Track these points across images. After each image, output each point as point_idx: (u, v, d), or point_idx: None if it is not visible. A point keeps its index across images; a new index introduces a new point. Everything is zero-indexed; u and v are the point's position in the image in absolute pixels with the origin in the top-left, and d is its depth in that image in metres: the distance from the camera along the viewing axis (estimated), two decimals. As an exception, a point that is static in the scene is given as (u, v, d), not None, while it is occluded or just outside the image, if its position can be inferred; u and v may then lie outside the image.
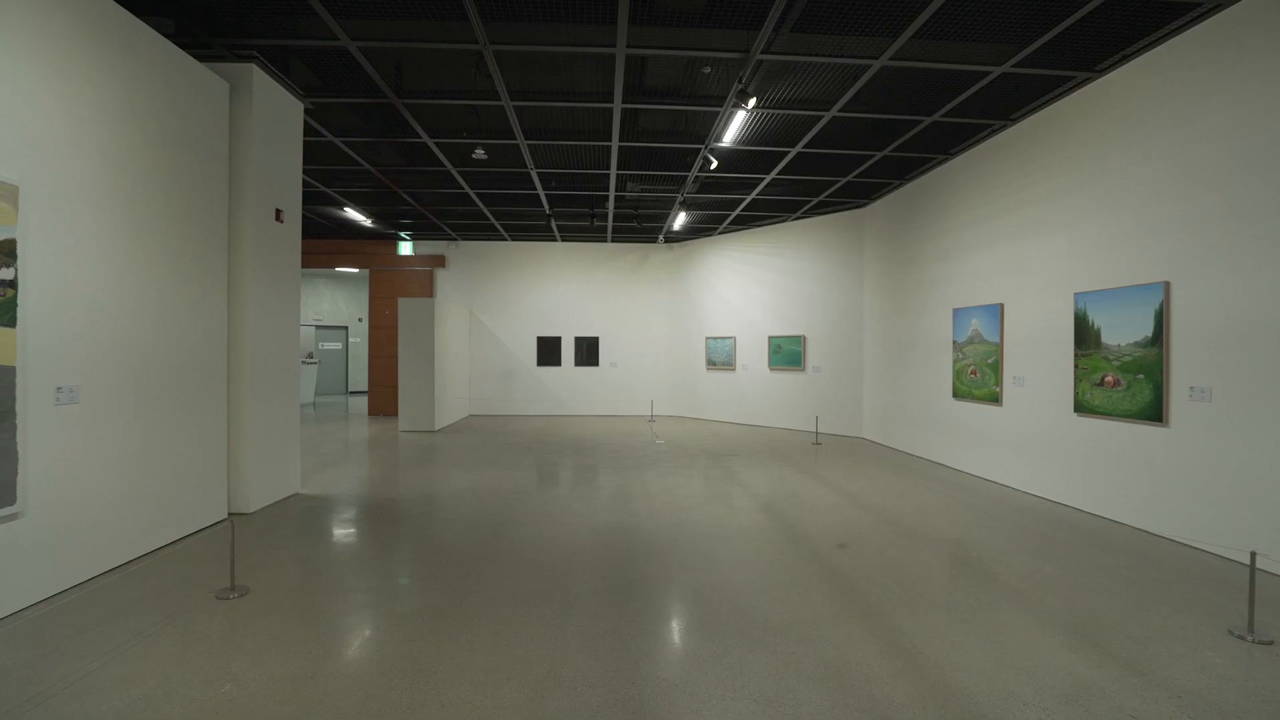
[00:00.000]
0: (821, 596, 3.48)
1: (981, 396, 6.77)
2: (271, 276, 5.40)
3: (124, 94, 3.90)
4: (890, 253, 9.04)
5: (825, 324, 10.53)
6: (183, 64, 4.45)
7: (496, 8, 4.38)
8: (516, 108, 6.07)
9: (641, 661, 2.73)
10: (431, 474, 6.93)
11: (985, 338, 6.70)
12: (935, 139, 6.87)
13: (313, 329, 17.32)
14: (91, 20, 3.65)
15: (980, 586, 3.65)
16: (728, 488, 6.28)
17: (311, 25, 4.64)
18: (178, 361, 4.40)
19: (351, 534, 4.71)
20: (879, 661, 2.73)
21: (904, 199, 8.66)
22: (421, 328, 10.57)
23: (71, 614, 3.18)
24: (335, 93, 5.82)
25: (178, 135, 4.39)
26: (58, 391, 3.42)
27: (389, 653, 2.80)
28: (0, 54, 3.08)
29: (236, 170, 5.07)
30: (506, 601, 3.38)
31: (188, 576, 3.72)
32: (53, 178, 3.39)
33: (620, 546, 4.36)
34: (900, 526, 4.88)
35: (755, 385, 11.67)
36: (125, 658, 2.73)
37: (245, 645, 2.85)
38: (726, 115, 6.10)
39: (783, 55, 5.01)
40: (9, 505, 3.10)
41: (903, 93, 5.71)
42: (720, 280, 12.36)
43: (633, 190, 9.16)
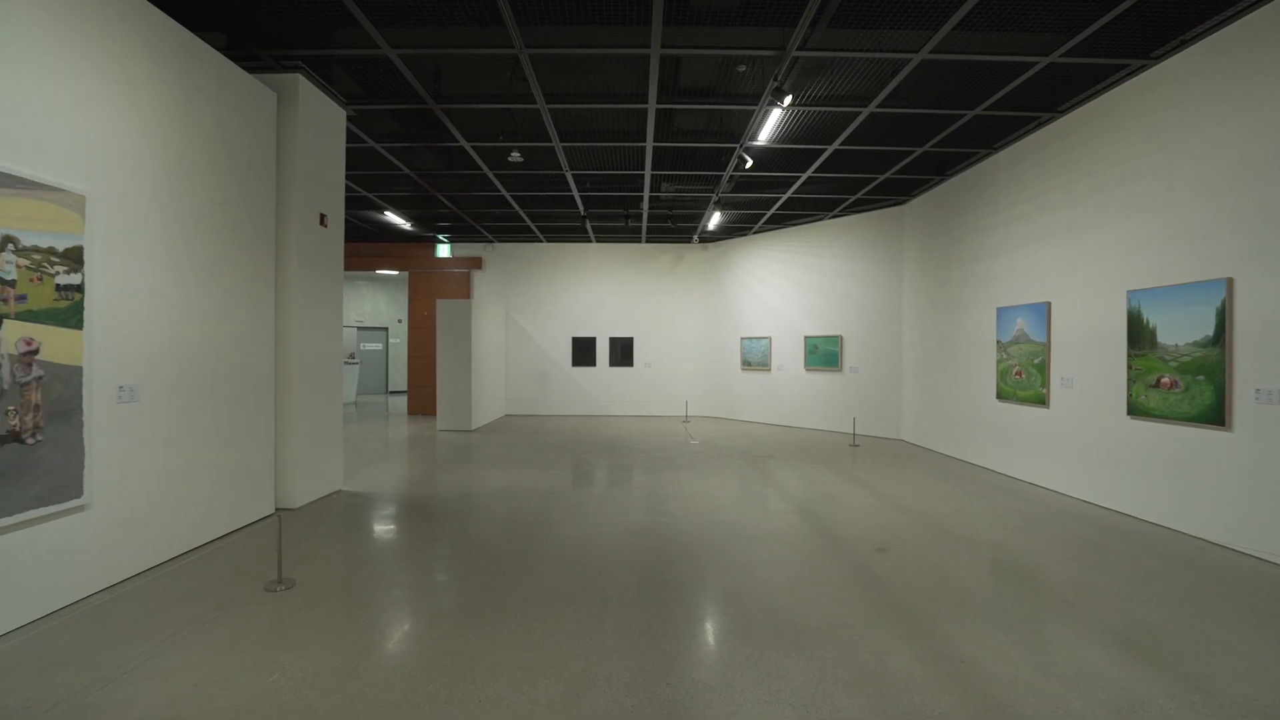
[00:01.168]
0: (859, 601, 3.41)
1: (1027, 398, 6.55)
2: (316, 279, 5.57)
3: (180, 106, 4.07)
4: (930, 250, 8.83)
5: (863, 324, 10.34)
6: (234, 76, 4.62)
7: (532, 12, 4.43)
8: (552, 110, 6.13)
9: (676, 662, 2.72)
10: (468, 473, 7.04)
11: (1031, 337, 6.48)
12: (977, 133, 6.68)
13: (354, 330, 17.80)
14: (153, 38, 3.82)
15: (1026, 594, 3.53)
16: (763, 489, 6.22)
17: (354, 35, 4.76)
18: (228, 362, 4.58)
19: (392, 530, 4.82)
20: (919, 669, 2.67)
21: (944, 195, 8.44)
22: (459, 329, 10.76)
23: (133, 601, 3.33)
24: (376, 100, 5.96)
25: (229, 144, 4.56)
26: (119, 390, 3.59)
27: (428, 647, 2.86)
28: (73, 76, 3.25)
29: (283, 176, 5.24)
30: (542, 600, 3.41)
31: (238, 568, 3.86)
32: (116, 188, 3.56)
33: (654, 547, 4.36)
34: (941, 530, 4.76)
35: (791, 386, 11.53)
36: (182, 644, 2.85)
37: (292, 636, 2.95)
38: (762, 114, 6.05)
39: (819, 51, 4.94)
40: (76, 498, 3.27)
41: (943, 86, 5.57)
42: (755, 280, 12.26)
43: (667, 190, 9.15)
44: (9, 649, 2.78)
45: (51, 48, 3.16)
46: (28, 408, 3.01)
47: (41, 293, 3.08)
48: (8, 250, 2.91)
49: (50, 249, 3.12)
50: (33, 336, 3.03)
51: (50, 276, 3.13)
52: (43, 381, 3.09)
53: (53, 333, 3.14)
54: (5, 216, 2.89)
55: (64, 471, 3.20)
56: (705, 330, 13.37)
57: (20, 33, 3.00)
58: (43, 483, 3.08)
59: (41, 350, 3.08)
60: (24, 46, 3.01)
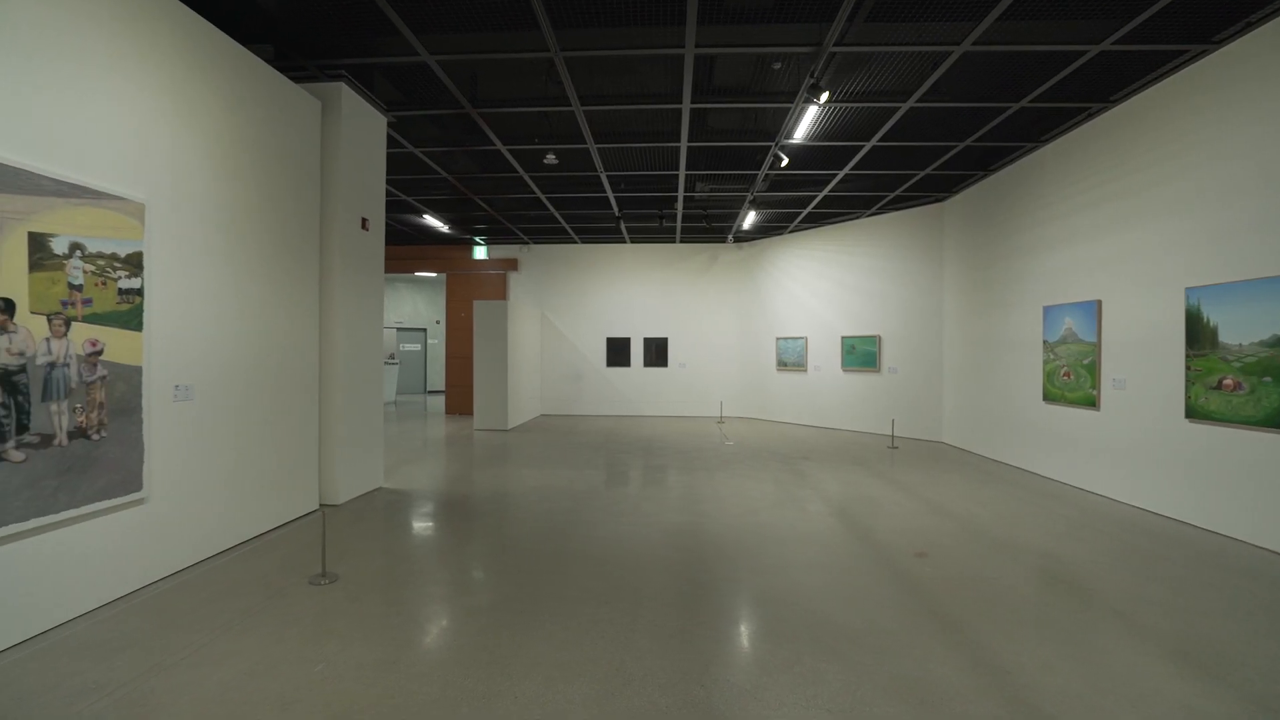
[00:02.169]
0: (898, 606, 3.34)
1: (1076, 400, 6.31)
2: (357, 282, 5.73)
3: (231, 116, 4.24)
4: (973, 248, 8.58)
5: (902, 323, 10.12)
6: (281, 86, 4.78)
7: (567, 15, 4.47)
8: (586, 112, 6.17)
9: (711, 664, 2.71)
10: (505, 472, 7.14)
11: (1080, 337, 6.24)
12: (1023, 126, 6.47)
13: (394, 331, 18.23)
14: (207, 52, 3.99)
15: (1075, 604, 3.40)
16: (799, 491, 6.14)
17: (395, 43, 4.88)
18: (275, 362, 4.74)
19: (430, 527, 4.92)
20: (961, 678, 2.60)
21: (987, 191, 8.20)
22: (495, 329, 10.92)
23: (188, 591, 3.48)
24: (415, 106, 6.10)
25: (277, 152, 4.73)
26: (175, 389, 3.75)
27: (465, 643, 2.91)
28: (134, 92, 3.42)
29: (327, 182, 5.40)
30: (576, 598, 3.44)
31: (285, 562, 3.99)
32: (172, 196, 3.72)
33: (689, 547, 4.35)
34: (984, 536, 4.62)
35: (827, 387, 11.36)
36: (232, 633, 2.96)
37: (336, 629, 3.04)
38: (798, 111, 5.97)
39: (857, 47, 4.85)
40: (136, 491, 3.43)
41: (987, 79, 5.41)
42: (791, 279, 12.12)
43: (702, 190, 9.12)
44: (76, 634, 2.94)
45: (116, 67, 3.32)
46: (93, 405, 3.17)
47: (105, 296, 3.24)
48: (76, 256, 3.07)
49: (113, 255, 3.28)
50: (98, 338, 3.20)
51: (113, 281, 3.29)
52: (106, 380, 3.25)
53: (115, 334, 3.30)
54: (74, 225, 3.06)
55: (125, 466, 3.36)
56: (740, 330, 13.28)
57: (90, 55, 3.16)
58: (106, 477, 3.24)
59: (105, 351, 3.24)
60: (92, 68, 3.18)
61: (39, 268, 2.90)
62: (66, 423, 3.03)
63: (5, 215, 2.74)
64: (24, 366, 2.83)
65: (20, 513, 2.80)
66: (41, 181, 2.89)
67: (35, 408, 2.88)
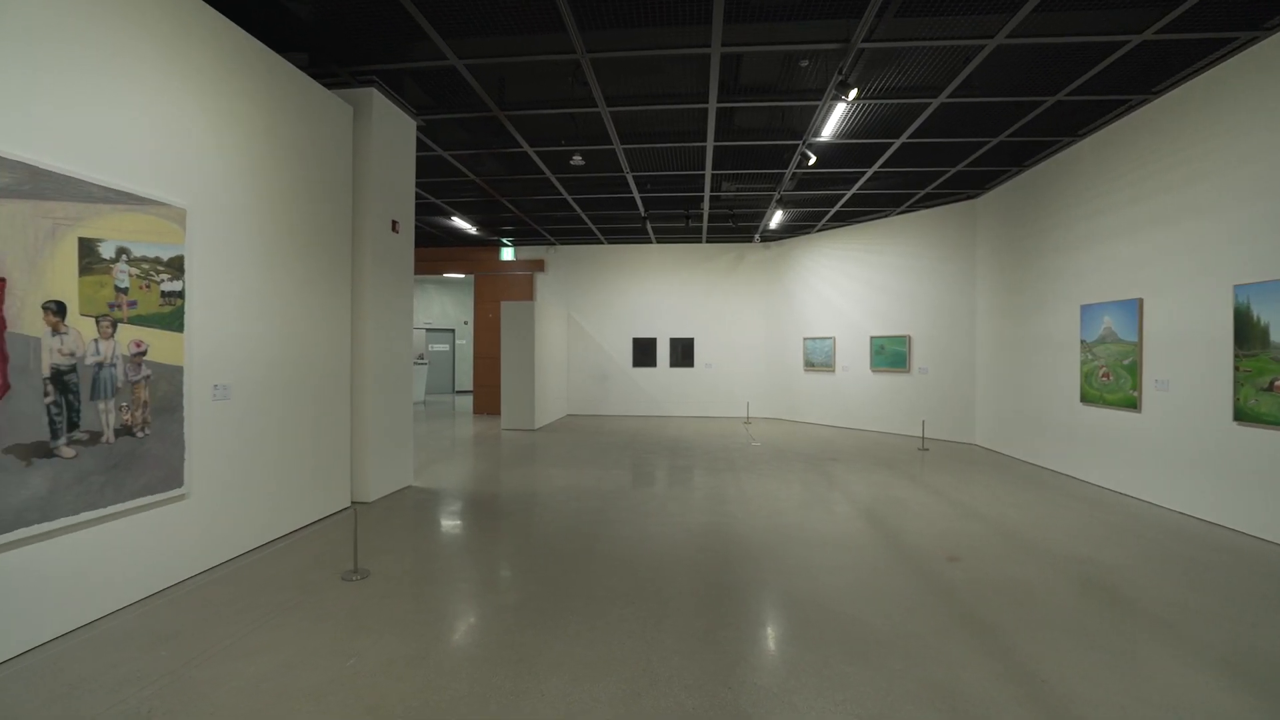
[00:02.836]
0: (929, 611, 3.28)
1: (1115, 402, 6.12)
2: (388, 284, 5.83)
3: (267, 122, 4.35)
4: (1006, 245, 8.38)
5: (932, 323, 9.93)
6: (315, 92, 4.90)
7: (593, 17, 4.49)
8: (612, 113, 6.19)
9: (738, 666, 2.69)
10: (532, 471, 7.20)
11: (1120, 336, 6.05)
12: (1059, 120, 6.29)
13: (423, 331, 18.51)
14: (245, 61, 4.11)
15: (1116, 612, 3.29)
16: (827, 493, 6.07)
17: (424, 48, 4.96)
18: (309, 363, 4.85)
19: (459, 526, 4.99)
20: (995, 686, 2.54)
21: (1022, 187, 8.00)
22: (522, 330, 11.02)
23: (226, 585, 3.58)
24: (444, 109, 6.19)
25: (310, 157, 4.84)
26: (214, 389, 3.87)
27: (493, 640, 2.94)
28: (176, 98, 3.53)
29: (359, 186, 5.51)
30: (603, 598, 3.45)
31: (318, 558, 4.08)
32: (211, 201, 3.84)
33: (715, 549, 4.33)
34: (1019, 540, 4.51)
35: (855, 387, 11.21)
36: (268, 627, 3.04)
37: (367, 624, 3.09)
38: (825, 108, 5.91)
39: (886, 42, 4.78)
40: (178, 487, 3.54)
41: (1021, 72, 5.28)
42: (819, 279, 11.99)
43: (728, 190, 9.07)
44: (122, 624, 3.05)
45: (161, 78, 3.44)
46: (137, 404, 3.28)
47: (149, 299, 3.36)
48: (122, 260, 3.19)
49: (156, 259, 3.40)
50: (142, 339, 3.31)
51: (156, 284, 3.40)
52: (150, 380, 3.36)
53: (158, 335, 3.42)
54: (121, 230, 3.17)
55: (167, 463, 3.47)
56: (767, 331, 13.18)
57: (137, 68, 3.28)
58: (150, 473, 3.36)
59: (149, 351, 3.36)
60: (139, 80, 3.29)
61: (88, 271, 3.01)
62: (113, 421, 3.15)
63: (58, 221, 2.86)
64: (74, 366, 2.95)
65: (71, 507, 2.92)
66: (91, 189, 3.01)
67: (84, 406, 2.99)
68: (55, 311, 2.86)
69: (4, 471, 2.64)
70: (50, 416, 2.84)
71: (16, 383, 2.69)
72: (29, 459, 2.74)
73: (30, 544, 2.77)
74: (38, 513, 2.78)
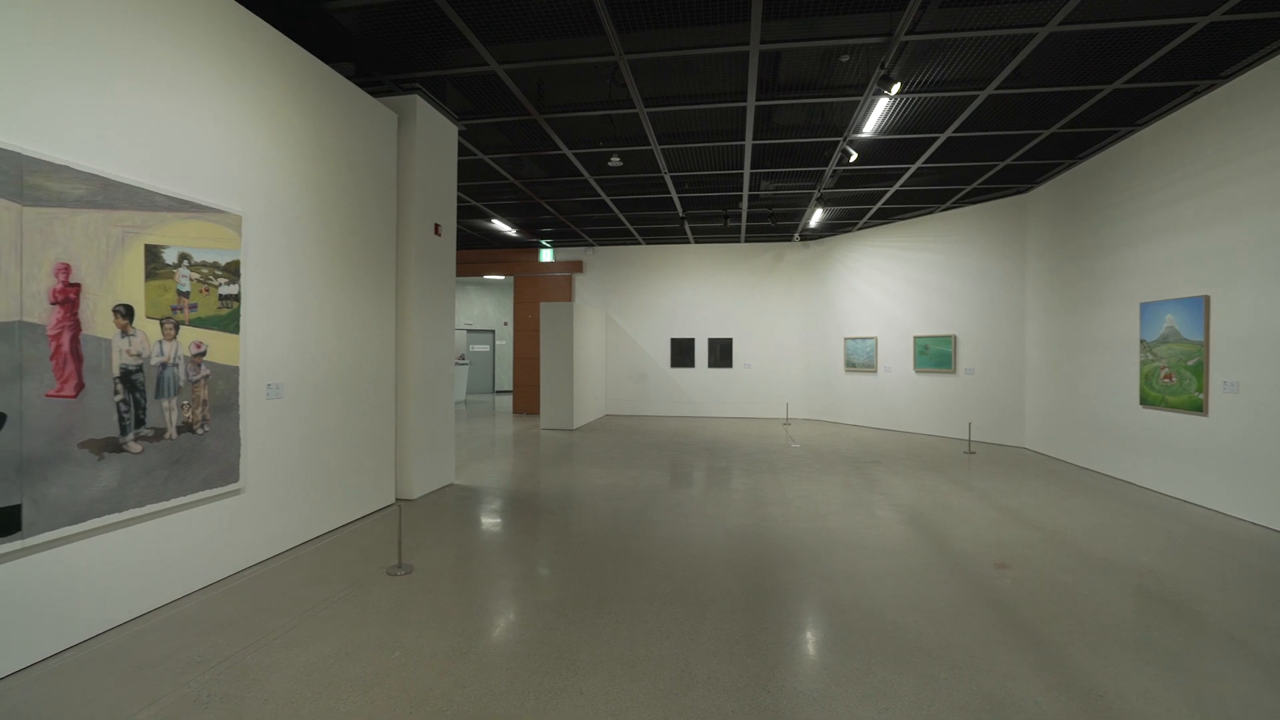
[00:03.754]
0: (977, 620, 3.18)
1: (1178, 404, 5.82)
2: (431, 286, 5.97)
3: (316, 130, 4.51)
4: (1058, 241, 8.06)
5: (979, 322, 9.63)
6: (361, 100, 5.05)
7: (630, 18, 4.50)
8: (650, 114, 6.20)
9: (777, 670, 2.66)
10: (571, 471, 7.26)
11: (1183, 336, 5.75)
12: (1116, 110, 6.02)
13: (464, 332, 18.87)
14: (295, 71, 4.26)
15: (1180, 627, 3.13)
16: (869, 496, 5.94)
17: (465, 55, 5.06)
18: (356, 363, 5.00)
19: (499, 524, 5.07)
20: (1048, 699, 2.44)
21: (1076, 180, 7.68)
22: (561, 330, 11.13)
23: (278, 577, 3.73)
24: (484, 114, 6.30)
25: (357, 163, 4.99)
26: (268, 388, 4.03)
27: (532, 637, 2.97)
28: (232, 109, 3.70)
29: (402, 190, 5.66)
30: (641, 598, 3.46)
31: (364, 553, 4.20)
32: (264, 207, 4.00)
33: (754, 551, 4.29)
34: (1073, 549, 4.33)
35: (898, 388, 10.95)
36: (318, 618, 3.15)
37: (411, 618, 3.17)
38: (867, 104, 5.79)
39: (931, 34, 4.66)
40: (234, 482, 3.70)
41: (1075, 61, 5.07)
42: (860, 278, 11.75)
43: (767, 189, 8.99)
44: (183, 612, 3.20)
45: (218, 90, 3.60)
46: (197, 402, 3.44)
47: (208, 302, 3.52)
48: (183, 265, 3.35)
49: (215, 263, 3.56)
50: (202, 340, 3.47)
51: (215, 287, 3.56)
52: (209, 379, 3.52)
53: (217, 337, 3.58)
54: (183, 236, 3.33)
55: (224, 459, 3.63)
56: (807, 331, 12.99)
57: (196, 84, 3.44)
58: (209, 468, 3.52)
59: (208, 352, 3.52)
60: (199, 93, 3.46)
61: (153, 276, 3.17)
62: (175, 418, 3.31)
63: (126, 229, 3.02)
64: (141, 366, 3.11)
65: (138, 499, 3.09)
66: (156, 198, 3.17)
67: (150, 404, 3.16)
68: (124, 314, 3.02)
69: (78, 465, 2.80)
70: (120, 414, 3.00)
71: (90, 382, 2.85)
72: (101, 453, 2.91)
73: (102, 534, 2.94)
74: (108, 504, 2.94)
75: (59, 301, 2.73)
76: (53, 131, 2.73)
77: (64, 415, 2.75)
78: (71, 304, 2.78)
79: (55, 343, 2.71)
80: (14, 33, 2.58)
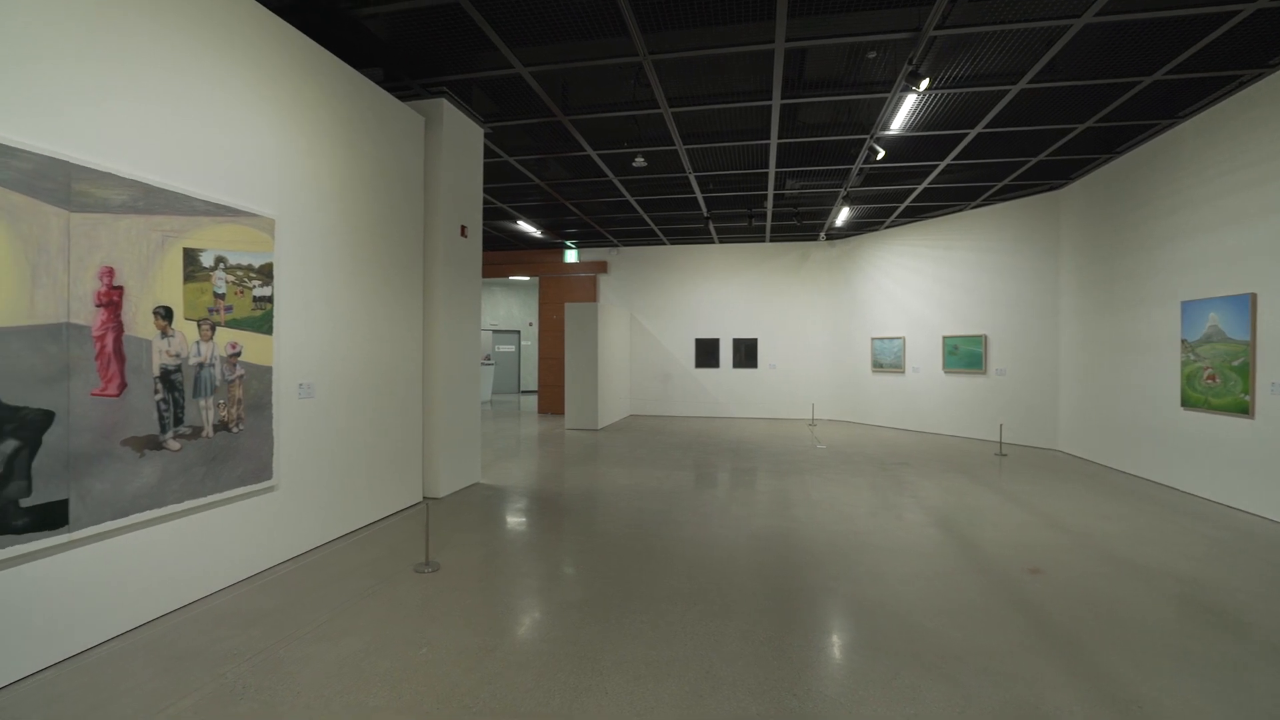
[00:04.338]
0: (1009, 626, 3.11)
1: (1223, 406, 5.61)
2: (457, 287, 6.04)
3: (346, 134, 4.60)
4: (1094, 239, 7.84)
5: (1010, 321, 9.41)
6: (390, 105, 5.14)
7: (655, 18, 4.50)
8: (674, 114, 6.19)
9: (803, 674, 2.64)
10: (595, 470, 7.29)
11: (1228, 335, 5.55)
12: (1157, 102, 5.84)
13: (489, 333, 19.07)
14: (326, 78, 4.36)
15: (1226, 637, 3.02)
16: (897, 498, 5.85)
17: (491, 58, 5.12)
18: (384, 363, 5.09)
19: (525, 522, 5.11)
20: (1085, 709, 2.38)
21: (1113, 175, 7.46)
22: (586, 331, 11.18)
23: (310, 573, 3.81)
24: (510, 116, 6.36)
25: (386, 167, 5.08)
26: (299, 388, 4.12)
27: (557, 636, 2.99)
28: (266, 114, 3.79)
29: (429, 193, 5.74)
30: (665, 598, 3.45)
31: (392, 550, 4.27)
32: (296, 211, 4.09)
33: (780, 553, 4.26)
34: (1109, 555, 4.21)
35: (927, 389, 10.76)
36: (348, 613, 3.21)
37: (438, 615, 3.22)
38: (894, 101, 5.71)
39: (960, 29, 4.57)
40: (268, 479, 3.80)
41: (1112, 52, 4.93)
42: (887, 277, 11.58)
43: (792, 187, 8.91)
44: (220, 605, 3.29)
45: (252, 97, 3.70)
46: (233, 401, 3.54)
47: (243, 303, 3.61)
48: (219, 268, 3.44)
49: (249, 266, 3.65)
50: (237, 341, 3.57)
51: (249, 290, 3.66)
52: (244, 379, 3.62)
53: (251, 338, 3.67)
54: (219, 240, 3.43)
55: (258, 456, 3.73)
56: (833, 331, 12.84)
57: (233, 94, 3.54)
58: (244, 465, 3.61)
59: (243, 353, 3.61)
60: (234, 100, 3.56)
61: (191, 279, 3.27)
62: (212, 416, 3.40)
63: (166, 234, 3.12)
64: (179, 366, 3.21)
65: (176, 495, 3.18)
66: (194, 203, 3.27)
67: (188, 403, 3.25)
68: (164, 316, 3.12)
69: (121, 461, 2.90)
70: (160, 412, 3.10)
71: (132, 381, 2.95)
72: (142, 450, 3.00)
73: (143, 529, 3.04)
74: (149, 500, 3.04)
75: (103, 304, 2.83)
76: (98, 140, 2.83)
77: (108, 413, 2.84)
78: (115, 306, 2.88)
79: (100, 343, 2.81)
80: (67, 48, 2.69)
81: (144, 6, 3.05)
